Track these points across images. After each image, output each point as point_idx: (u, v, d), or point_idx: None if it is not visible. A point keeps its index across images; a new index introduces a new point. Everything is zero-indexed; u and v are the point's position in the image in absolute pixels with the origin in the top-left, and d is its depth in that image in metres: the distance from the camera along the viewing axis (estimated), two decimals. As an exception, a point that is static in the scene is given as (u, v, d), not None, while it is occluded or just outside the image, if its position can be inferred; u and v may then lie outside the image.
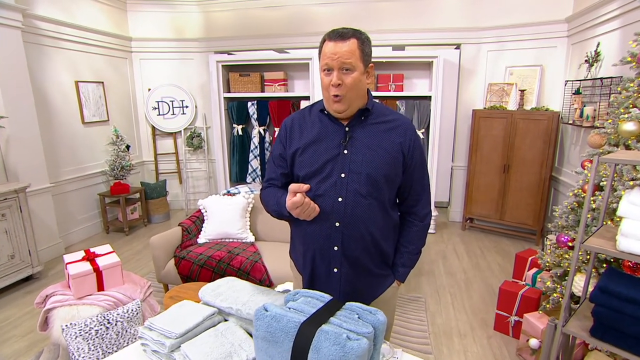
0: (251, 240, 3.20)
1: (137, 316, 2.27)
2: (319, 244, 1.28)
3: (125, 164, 4.64)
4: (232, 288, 1.23)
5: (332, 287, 1.30)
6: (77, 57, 4.26)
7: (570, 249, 2.21)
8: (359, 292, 1.31)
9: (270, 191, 1.37)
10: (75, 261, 2.30)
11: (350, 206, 1.23)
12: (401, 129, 1.28)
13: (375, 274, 1.33)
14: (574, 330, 1.36)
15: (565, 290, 1.39)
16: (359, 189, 1.23)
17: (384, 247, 1.33)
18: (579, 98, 3.44)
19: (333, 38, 1.19)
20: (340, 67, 1.18)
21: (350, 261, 1.27)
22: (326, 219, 1.24)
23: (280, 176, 1.37)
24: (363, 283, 1.31)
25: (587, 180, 2.16)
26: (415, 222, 1.38)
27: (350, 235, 1.25)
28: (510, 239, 4.28)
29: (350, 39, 1.18)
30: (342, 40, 1.18)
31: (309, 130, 1.30)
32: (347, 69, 1.18)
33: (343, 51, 1.17)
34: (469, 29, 4.38)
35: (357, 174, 1.23)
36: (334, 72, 1.19)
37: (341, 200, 1.23)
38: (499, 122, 4.11)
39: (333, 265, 1.28)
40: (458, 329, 2.66)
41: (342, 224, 1.24)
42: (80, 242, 4.31)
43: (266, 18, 4.90)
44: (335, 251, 1.26)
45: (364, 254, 1.28)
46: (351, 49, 1.18)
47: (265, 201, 1.37)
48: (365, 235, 1.26)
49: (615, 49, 3.10)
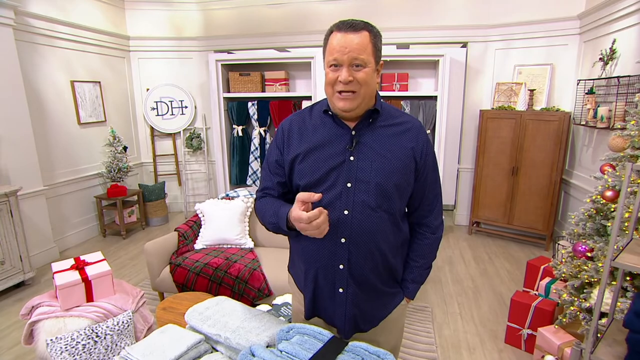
0: (250, 246, 3.07)
1: (128, 329, 2.15)
2: (323, 262, 1.14)
3: (122, 165, 4.52)
4: (222, 311, 1.10)
5: (337, 309, 1.17)
6: (72, 56, 4.15)
7: (588, 259, 2.06)
8: (367, 313, 1.19)
9: (267, 202, 1.22)
10: (63, 270, 2.18)
11: (358, 220, 1.10)
12: (412, 133, 1.16)
13: (384, 293, 1.20)
14: (603, 358, 1.22)
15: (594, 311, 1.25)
16: (367, 200, 1.10)
17: (393, 264, 1.20)
18: (592, 98, 3.29)
19: (343, 29, 1.04)
20: (351, 62, 1.03)
21: (357, 281, 1.14)
22: (331, 234, 1.09)
23: (277, 185, 1.22)
24: (371, 304, 1.19)
25: (607, 186, 2.02)
26: (427, 234, 1.26)
27: (357, 252, 1.12)
28: (518, 244, 4.13)
29: (362, 31, 1.04)
30: (354, 31, 1.03)
31: (310, 134, 1.16)
32: (358, 65, 1.04)
33: (355, 44, 1.02)
34: (476, 26, 4.23)
35: (365, 184, 1.09)
36: (344, 68, 1.04)
37: (347, 214, 1.10)
38: (507, 123, 3.96)
39: (338, 285, 1.15)
40: (467, 341, 2.52)
41: (349, 240, 1.11)
42: (75, 246, 4.20)
43: (267, 16, 4.77)
44: (341, 270, 1.13)
45: (372, 273, 1.15)
46: (363, 42, 1.03)
47: (261, 213, 1.22)
48: (374, 251, 1.13)
49: (633, 46, 2.95)
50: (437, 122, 4.16)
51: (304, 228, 1.01)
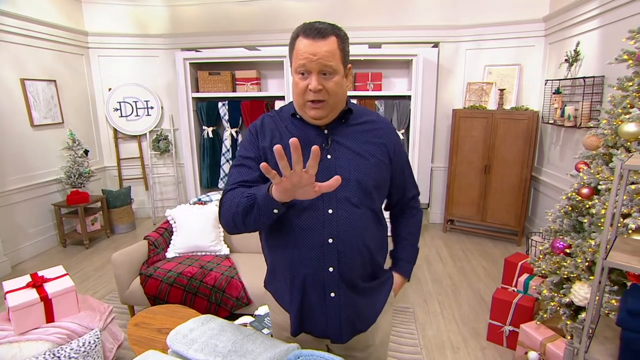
0: (226, 252, 2.94)
1: (95, 349, 1.97)
2: (311, 267, 1.07)
3: (83, 170, 4.22)
4: (209, 332, 0.99)
5: (330, 314, 1.11)
6: (22, 52, 3.81)
7: (567, 255, 2.11)
8: (361, 314, 1.15)
9: (236, 191, 1.05)
10: (18, 289, 1.97)
11: (344, 218, 1.06)
12: (383, 130, 1.18)
13: (373, 289, 1.18)
14: (597, 357, 1.22)
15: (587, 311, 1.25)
16: (349, 196, 1.07)
17: (378, 261, 1.19)
18: (559, 97, 3.41)
19: (310, 35, 1.00)
20: (320, 70, 1.01)
21: (348, 282, 1.10)
22: (317, 235, 1.05)
23: (259, 179, 1.08)
24: (364, 303, 1.15)
25: (582, 184, 2.07)
26: (413, 212, 1.35)
27: (346, 251, 1.07)
28: (492, 241, 4.23)
29: (330, 37, 1.01)
30: (322, 38, 1.00)
31: (284, 134, 1.12)
32: (327, 73, 1.02)
33: (323, 52, 1.00)
34: (447, 27, 4.30)
35: (345, 181, 1.04)
36: (313, 75, 1.01)
37: (332, 212, 1.06)
38: (479, 122, 4.04)
39: (329, 289, 1.09)
40: (450, 341, 2.52)
41: (336, 240, 1.06)
42: (31, 259, 3.87)
43: (236, 13, 4.62)
44: (331, 272, 1.07)
45: (361, 271, 1.12)
46: (331, 49, 1.01)
47: (227, 203, 1.04)
48: (362, 249, 1.10)
49: (596, 48, 3.07)
50: (411, 121, 4.18)
51: (295, 183, 0.85)
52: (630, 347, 1.15)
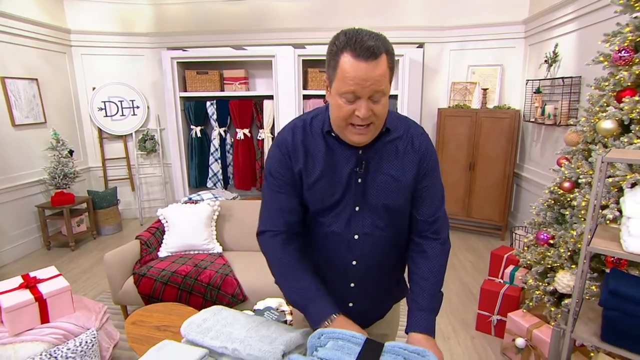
0: (219, 251, 2.95)
1: (92, 349, 1.96)
2: (333, 283, 1.12)
3: (68, 171, 4.13)
4: (222, 321, 1.03)
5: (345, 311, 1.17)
6: (1, 50, 3.71)
7: (550, 246, 2.22)
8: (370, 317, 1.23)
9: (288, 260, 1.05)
10: (10, 290, 1.94)
11: (369, 243, 1.07)
12: (416, 143, 1.06)
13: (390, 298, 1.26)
14: (583, 335, 1.32)
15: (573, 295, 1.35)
16: (376, 221, 1.06)
17: (398, 273, 1.24)
18: (539, 97, 3.56)
19: (362, 55, 0.86)
20: (371, 95, 0.89)
21: (367, 295, 1.17)
22: (341, 258, 1.10)
23: (298, 207, 1.08)
24: (377, 309, 1.24)
25: (564, 178, 2.18)
26: (436, 243, 1.10)
27: (366, 274, 1.12)
28: (477, 236, 4.37)
29: (382, 56, 0.88)
30: (374, 58, 0.86)
31: (316, 156, 1.04)
32: (377, 96, 0.91)
33: (376, 75, 0.87)
34: (431, 28, 4.41)
35: (373, 207, 1.05)
36: (362, 102, 0.90)
37: (357, 238, 1.07)
38: (463, 121, 4.17)
39: (348, 301, 1.15)
40: (441, 330, 2.61)
41: (360, 262, 1.10)
42: (15, 262, 3.77)
43: (224, 12, 4.61)
44: (352, 288, 1.14)
45: (381, 286, 1.18)
46: (383, 71, 0.89)
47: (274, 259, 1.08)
48: (384, 267, 1.15)
49: (573, 49, 3.23)
50: (398, 120, 4.27)
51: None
52: (611, 325, 1.25)
